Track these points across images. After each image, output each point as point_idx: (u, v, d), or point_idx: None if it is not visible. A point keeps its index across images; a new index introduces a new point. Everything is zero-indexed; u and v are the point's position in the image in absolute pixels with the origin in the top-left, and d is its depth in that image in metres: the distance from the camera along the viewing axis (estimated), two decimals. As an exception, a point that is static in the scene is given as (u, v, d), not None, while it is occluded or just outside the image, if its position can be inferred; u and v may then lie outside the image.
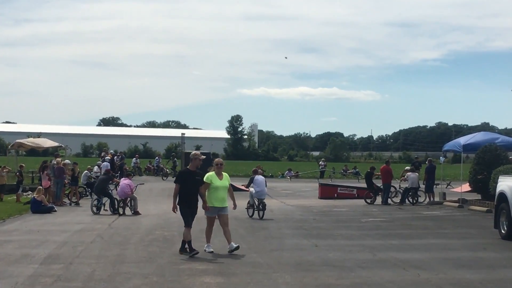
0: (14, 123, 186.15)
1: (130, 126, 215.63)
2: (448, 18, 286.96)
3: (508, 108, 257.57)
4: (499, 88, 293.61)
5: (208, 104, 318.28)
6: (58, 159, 34.96)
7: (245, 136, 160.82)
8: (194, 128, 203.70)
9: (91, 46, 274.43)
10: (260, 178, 28.26)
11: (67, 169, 34.73)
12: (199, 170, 16.95)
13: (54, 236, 20.32)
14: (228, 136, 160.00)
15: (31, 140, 53.48)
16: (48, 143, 49.01)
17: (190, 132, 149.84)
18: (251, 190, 27.90)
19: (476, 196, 34.61)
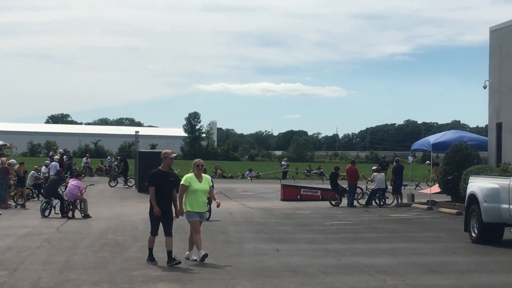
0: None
1: (81, 123, 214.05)
2: (418, 10, 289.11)
3: (480, 105, 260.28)
4: (470, 84, 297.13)
5: (164, 101, 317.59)
6: (3, 158, 34.55)
7: (203, 135, 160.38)
8: (149, 126, 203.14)
9: (38, 38, 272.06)
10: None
11: (12, 169, 34.37)
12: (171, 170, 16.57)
13: (-3, 241, 20.12)
14: (185, 134, 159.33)
15: (-27, 138, 52.86)
16: (-8, 142, 48.48)
17: (144, 130, 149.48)
18: None
19: (446, 198, 34.90)
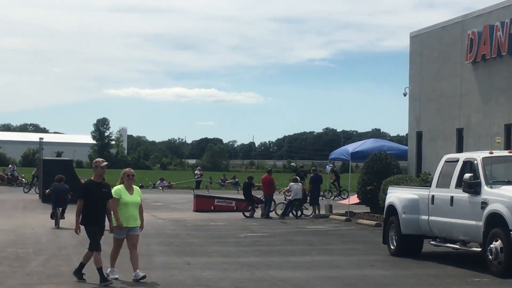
0: None
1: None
2: (338, 14, 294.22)
3: (401, 113, 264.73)
4: (391, 91, 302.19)
5: (71, 106, 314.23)
6: None
7: (112, 142, 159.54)
8: (55, 132, 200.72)
9: None
10: None
11: None
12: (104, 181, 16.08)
13: None
14: (94, 141, 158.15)
15: None
16: None
17: (50, 137, 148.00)
18: None
19: (365, 209, 35.32)
